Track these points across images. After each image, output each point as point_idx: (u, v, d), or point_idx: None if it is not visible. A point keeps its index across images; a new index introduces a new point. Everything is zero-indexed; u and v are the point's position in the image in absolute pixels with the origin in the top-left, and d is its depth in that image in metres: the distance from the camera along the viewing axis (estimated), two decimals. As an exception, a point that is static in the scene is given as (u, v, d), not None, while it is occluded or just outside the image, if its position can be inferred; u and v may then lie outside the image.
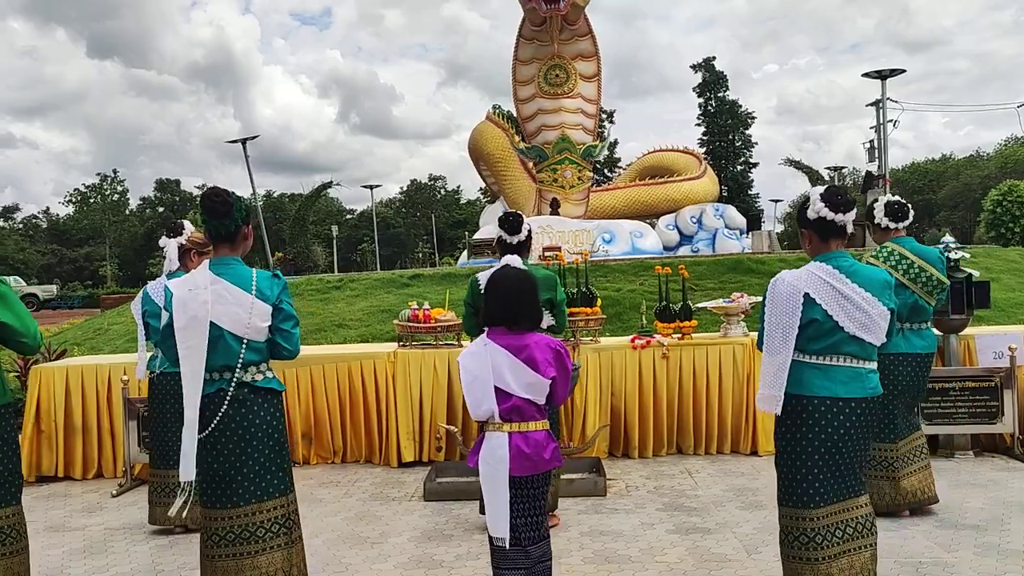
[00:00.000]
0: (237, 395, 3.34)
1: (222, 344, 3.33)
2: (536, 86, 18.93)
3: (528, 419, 3.32)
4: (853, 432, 3.30)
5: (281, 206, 67.92)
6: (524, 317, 3.37)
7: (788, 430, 3.38)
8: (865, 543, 3.32)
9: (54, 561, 4.48)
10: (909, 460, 4.69)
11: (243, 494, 3.35)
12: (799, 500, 3.34)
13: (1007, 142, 62.86)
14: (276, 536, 3.38)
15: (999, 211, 18.23)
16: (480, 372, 3.32)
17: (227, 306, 3.33)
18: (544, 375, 3.31)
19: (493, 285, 3.45)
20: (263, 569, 3.34)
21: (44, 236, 72.06)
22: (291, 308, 3.51)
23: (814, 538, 3.30)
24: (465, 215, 68.05)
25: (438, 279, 12.16)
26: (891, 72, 24.32)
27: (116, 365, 6.53)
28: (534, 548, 3.34)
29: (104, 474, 6.49)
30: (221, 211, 3.41)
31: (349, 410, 6.54)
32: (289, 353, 3.51)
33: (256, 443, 3.36)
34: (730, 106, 57.61)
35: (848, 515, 3.33)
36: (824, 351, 3.33)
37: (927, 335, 4.79)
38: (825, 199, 3.35)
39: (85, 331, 12.02)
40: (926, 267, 4.70)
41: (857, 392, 3.31)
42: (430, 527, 4.81)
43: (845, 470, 3.33)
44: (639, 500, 5.22)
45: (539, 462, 3.31)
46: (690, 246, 20.40)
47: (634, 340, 6.43)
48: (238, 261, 3.47)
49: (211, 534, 3.38)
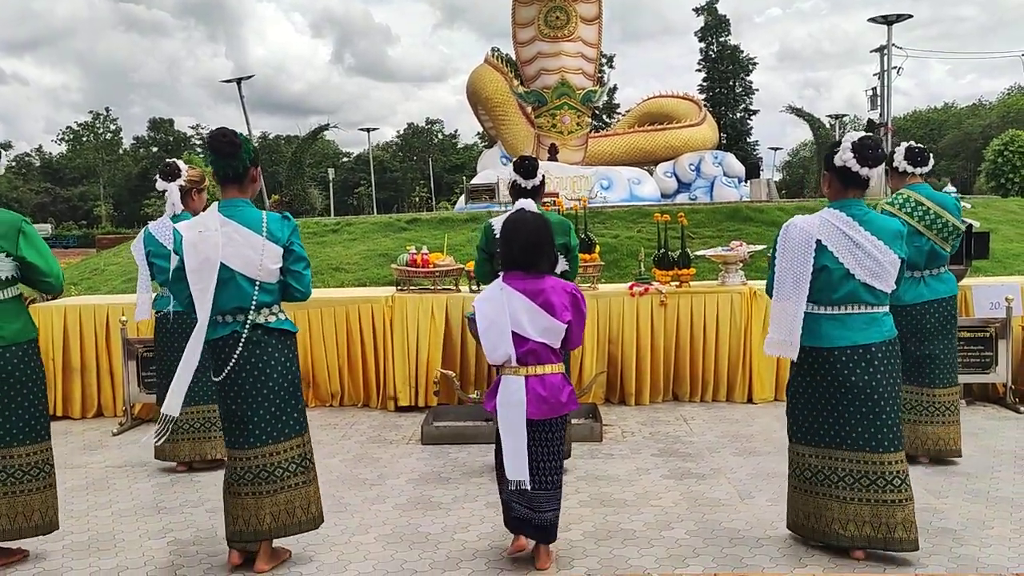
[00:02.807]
0: (251, 337, 3.37)
1: (234, 286, 3.34)
2: (536, 28, 18.60)
3: (544, 362, 3.34)
4: (879, 377, 3.35)
5: (277, 148, 67.31)
6: (541, 260, 3.37)
7: (812, 380, 3.42)
8: (899, 498, 3.35)
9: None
10: (939, 411, 4.68)
11: (260, 435, 3.42)
12: (825, 440, 3.42)
13: (1010, 91, 62.21)
14: (294, 475, 3.48)
15: (1000, 161, 18.11)
16: (497, 317, 3.33)
17: (238, 248, 3.33)
18: (560, 319, 3.33)
19: (510, 229, 3.44)
20: (282, 507, 3.45)
21: (37, 175, 71.43)
22: (302, 250, 3.53)
23: (844, 477, 3.38)
24: (462, 160, 67.52)
25: (436, 223, 12.11)
26: (897, 17, 23.93)
27: (115, 305, 6.53)
28: (549, 491, 3.39)
29: (104, 413, 6.54)
30: (228, 151, 3.37)
31: (347, 354, 6.57)
32: (301, 295, 3.53)
33: (272, 384, 3.41)
34: (731, 51, 56.75)
35: (881, 468, 3.36)
36: (838, 301, 3.37)
37: (947, 278, 4.80)
38: (856, 150, 3.34)
39: (82, 271, 12.00)
40: (942, 213, 4.68)
41: (876, 337, 3.37)
42: (428, 470, 4.87)
43: (876, 420, 3.36)
44: (635, 446, 5.28)
45: (556, 405, 3.35)
46: (688, 193, 20.30)
47: (632, 287, 6.43)
48: (247, 203, 3.46)
49: (232, 472, 3.47)
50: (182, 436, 4.92)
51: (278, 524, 3.44)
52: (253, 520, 3.42)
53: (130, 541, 3.88)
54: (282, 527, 3.45)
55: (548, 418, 3.36)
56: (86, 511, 4.32)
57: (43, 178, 70.51)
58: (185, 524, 4.09)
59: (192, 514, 4.24)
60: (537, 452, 3.35)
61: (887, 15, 23.90)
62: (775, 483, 4.42)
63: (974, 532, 3.72)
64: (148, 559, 3.67)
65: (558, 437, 3.42)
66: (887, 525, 3.34)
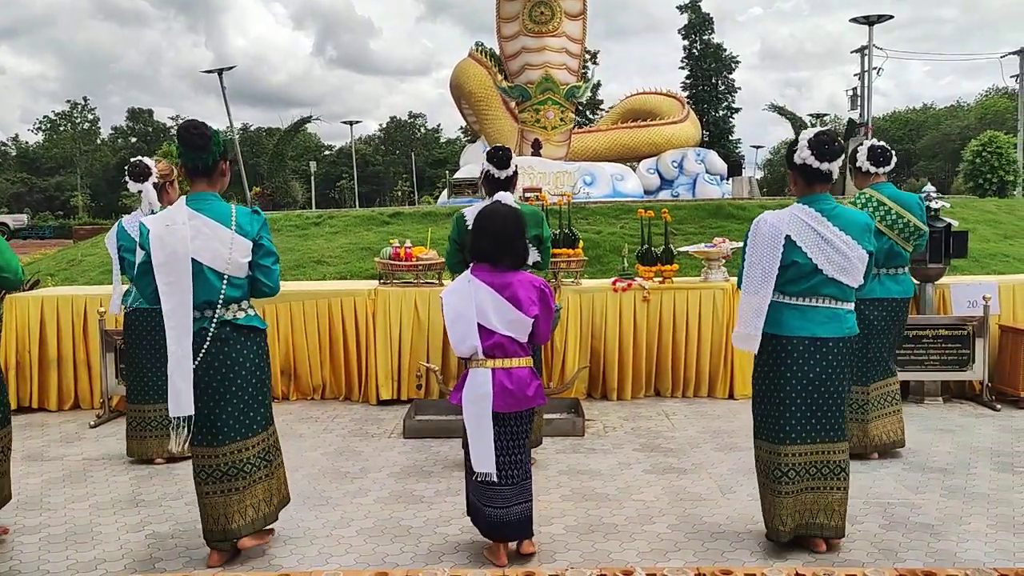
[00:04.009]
0: (219, 334, 3.33)
1: (202, 280, 3.29)
2: (520, 23, 18.54)
3: (511, 355, 3.34)
4: (831, 371, 3.40)
5: (258, 140, 66.75)
6: (510, 255, 3.36)
7: (768, 369, 3.47)
8: (837, 484, 3.44)
9: (33, 489, 4.48)
10: (879, 404, 4.76)
11: (228, 432, 3.38)
12: (775, 436, 3.45)
13: (988, 93, 62.88)
14: (258, 469, 3.47)
15: (978, 162, 18.27)
16: (464, 309, 3.32)
17: (207, 241, 3.29)
18: (527, 313, 3.32)
19: (482, 222, 3.43)
20: (247, 502, 3.43)
21: (13, 164, 70.39)
22: (271, 244, 3.49)
23: (787, 472, 3.42)
24: (445, 154, 67.28)
25: (418, 217, 12.06)
26: (879, 18, 24.11)
27: (92, 297, 6.45)
28: (515, 486, 3.39)
29: (81, 405, 6.47)
30: (199, 143, 3.34)
31: (329, 347, 6.53)
32: (270, 290, 3.49)
33: (240, 381, 3.37)
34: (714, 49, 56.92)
35: (824, 457, 3.43)
36: (803, 292, 3.40)
37: (903, 280, 4.83)
38: (812, 146, 3.39)
39: (59, 262, 11.84)
40: (903, 213, 4.71)
41: (835, 332, 3.41)
42: (409, 463, 4.86)
43: (824, 410, 3.43)
44: (616, 440, 5.29)
45: (522, 399, 3.34)
46: (670, 190, 20.40)
47: (615, 283, 6.44)
48: (216, 197, 3.41)
49: (199, 471, 3.43)
50: (150, 433, 4.89)
51: (246, 521, 3.43)
52: (222, 519, 3.40)
53: (108, 534, 3.84)
54: (250, 523, 3.45)
55: (514, 412, 3.35)
56: (63, 503, 4.27)
57: (19, 168, 69.48)
58: (164, 517, 4.05)
59: (171, 507, 4.20)
60: (502, 446, 3.34)
61: (869, 16, 24.07)
62: (756, 478, 4.44)
63: (951, 527, 3.76)
64: (126, 552, 3.63)
65: (524, 431, 3.41)
66: (825, 512, 3.43)
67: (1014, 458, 4.82)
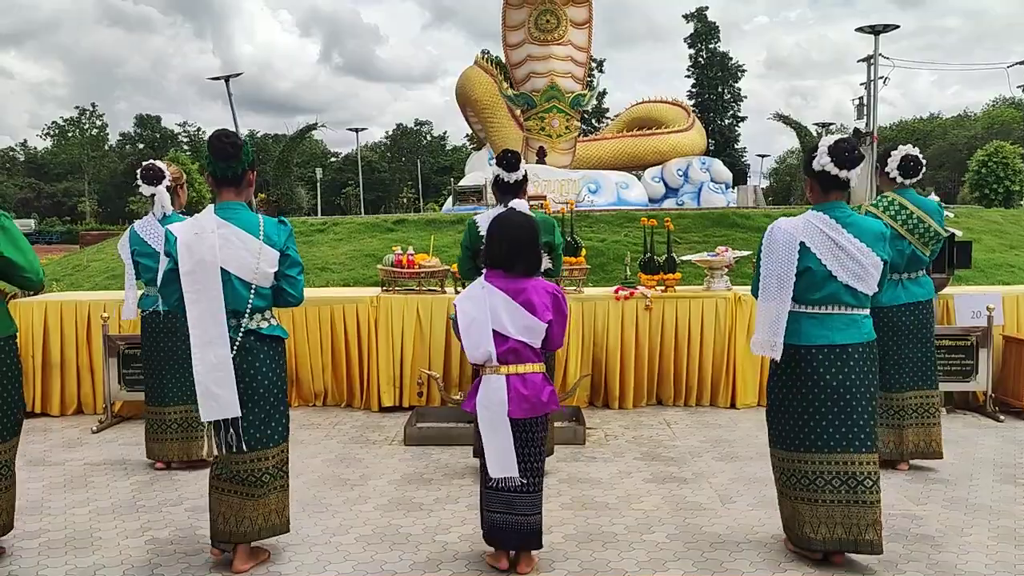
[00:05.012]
0: (244, 343, 3.35)
1: (230, 289, 3.32)
2: (526, 31, 18.62)
3: (525, 361, 3.35)
4: (853, 377, 3.38)
5: (264, 147, 66.94)
6: (524, 262, 3.37)
7: (788, 378, 3.46)
8: (870, 499, 3.37)
9: (34, 495, 4.49)
10: (918, 414, 4.70)
11: (248, 440, 3.39)
12: (798, 444, 3.43)
13: (995, 102, 62.77)
14: (275, 479, 3.49)
15: (984, 172, 18.27)
16: (478, 315, 3.33)
17: (235, 251, 3.31)
18: (541, 319, 3.33)
19: (497, 229, 3.44)
20: (260, 511, 3.45)
21: (21, 170, 70.75)
22: (297, 255, 3.53)
23: (815, 480, 3.39)
24: (451, 161, 67.44)
25: (422, 225, 12.10)
26: (884, 27, 24.06)
27: (96, 302, 6.47)
28: (528, 496, 3.38)
29: (84, 411, 6.48)
30: (230, 153, 3.36)
31: (331, 354, 6.54)
32: (295, 300, 3.52)
33: (263, 391, 3.40)
34: (720, 58, 57.04)
35: (851, 468, 3.38)
36: (821, 301, 3.41)
37: (924, 282, 4.83)
38: (832, 153, 3.39)
39: (64, 267, 11.90)
40: (925, 218, 4.72)
41: (853, 338, 3.40)
42: (410, 471, 4.86)
43: (848, 421, 3.38)
44: (617, 449, 5.28)
45: (537, 404, 3.35)
46: (675, 199, 20.40)
47: (617, 291, 6.44)
48: (243, 206, 3.44)
49: (218, 473, 3.47)
50: (170, 435, 4.89)
51: (254, 528, 3.44)
52: (233, 520, 3.42)
53: (108, 539, 3.84)
54: (257, 531, 3.45)
55: (529, 417, 3.36)
56: (64, 509, 4.27)
57: (27, 173, 69.81)
58: (164, 523, 4.05)
59: (171, 513, 4.20)
60: (519, 452, 3.34)
61: (874, 25, 24.03)
62: (756, 488, 4.44)
63: (952, 539, 3.74)
64: (126, 557, 3.63)
65: (540, 437, 3.42)
66: (858, 527, 3.36)
67: (1017, 469, 4.79)
